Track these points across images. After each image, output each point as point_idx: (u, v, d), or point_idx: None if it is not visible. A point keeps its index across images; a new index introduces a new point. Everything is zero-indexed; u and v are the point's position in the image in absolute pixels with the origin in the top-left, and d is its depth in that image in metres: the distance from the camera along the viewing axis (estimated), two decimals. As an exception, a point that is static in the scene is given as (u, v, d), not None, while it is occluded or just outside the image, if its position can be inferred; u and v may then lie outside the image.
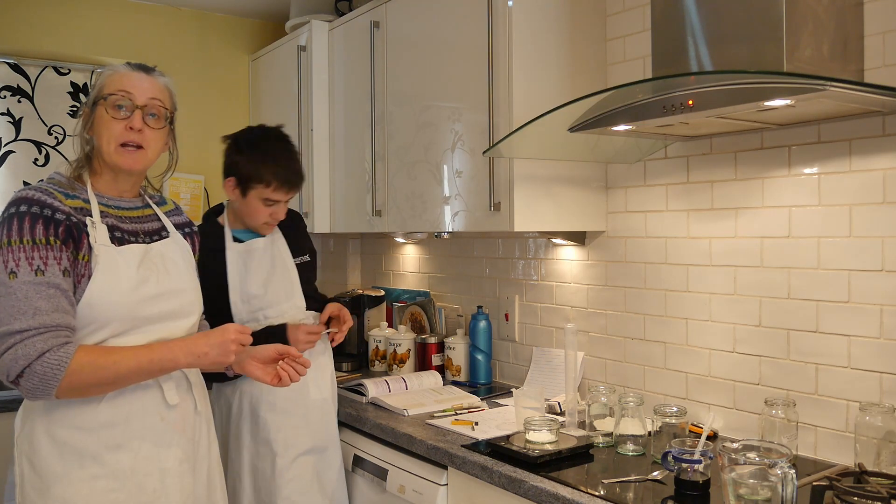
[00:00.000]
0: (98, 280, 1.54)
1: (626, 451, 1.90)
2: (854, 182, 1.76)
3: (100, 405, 1.56)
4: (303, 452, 2.19)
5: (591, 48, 2.30)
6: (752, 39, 1.59)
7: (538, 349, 2.58)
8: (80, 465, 1.54)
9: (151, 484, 1.61)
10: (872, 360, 1.73)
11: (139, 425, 1.60)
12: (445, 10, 2.38)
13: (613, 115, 1.78)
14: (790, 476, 1.35)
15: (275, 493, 2.15)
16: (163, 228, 1.76)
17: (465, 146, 2.31)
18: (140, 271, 1.61)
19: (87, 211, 1.59)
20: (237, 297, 2.18)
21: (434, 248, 3.10)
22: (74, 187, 1.61)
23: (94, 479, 1.55)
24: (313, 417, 2.23)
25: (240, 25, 3.59)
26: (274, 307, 2.20)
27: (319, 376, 2.26)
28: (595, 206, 2.33)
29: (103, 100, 1.61)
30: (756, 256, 1.96)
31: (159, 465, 1.62)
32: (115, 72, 1.66)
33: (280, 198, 2.14)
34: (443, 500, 1.97)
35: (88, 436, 1.55)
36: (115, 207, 1.66)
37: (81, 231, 1.55)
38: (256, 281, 2.20)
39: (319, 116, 3.03)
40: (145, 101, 1.63)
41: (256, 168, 2.10)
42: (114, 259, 1.57)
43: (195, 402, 1.73)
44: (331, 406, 2.29)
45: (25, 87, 3.09)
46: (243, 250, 2.20)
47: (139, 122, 1.62)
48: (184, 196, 3.36)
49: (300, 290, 2.27)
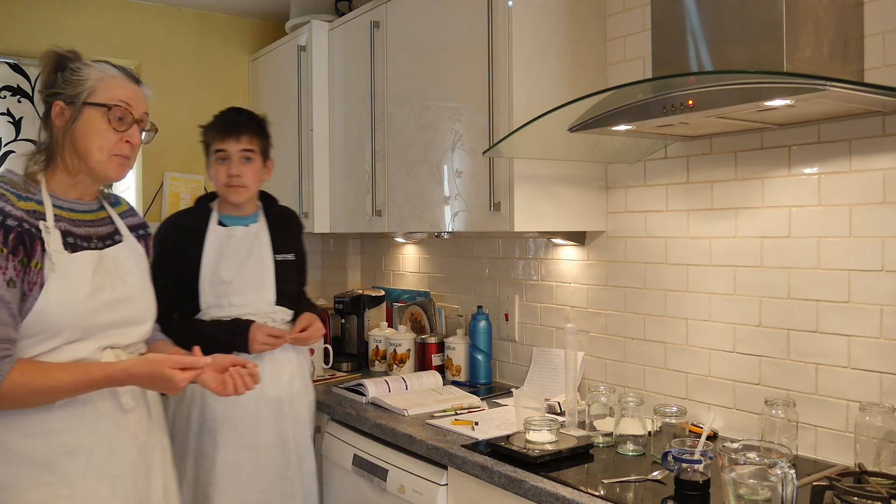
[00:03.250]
0: (52, 288, 1.49)
1: (626, 451, 1.90)
2: (854, 182, 1.76)
3: (51, 411, 1.52)
4: (248, 447, 2.18)
5: (591, 48, 2.30)
6: (752, 39, 1.59)
7: (538, 349, 2.58)
8: (29, 473, 1.50)
9: (103, 490, 1.57)
10: (872, 360, 1.73)
11: (92, 431, 1.56)
12: (445, 10, 2.38)
13: (613, 115, 1.78)
14: (790, 476, 1.35)
15: (214, 482, 2.14)
16: (116, 232, 1.70)
17: (465, 146, 2.31)
18: (95, 279, 1.56)
19: (41, 214, 1.52)
20: (206, 279, 2.18)
21: (434, 248, 3.10)
22: (28, 188, 1.54)
23: (44, 486, 1.51)
24: (264, 413, 2.21)
25: (240, 25, 3.59)
26: (240, 295, 2.19)
27: (277, 372, 2.23)
28: (595, 206, 2.33)
29: (105, 108, 1.56)
30: (756, 256, 1.96)
31: (112, 471, 1.58)
32: (109, 76, 1.60)
33: (224, 145, 2.20)
34: (443, 500, 1.97)
35: (39, 442, 1.51)
36: (69, 210, 1.60)
37: (34, 237, 1.49)
38: (229, 267, 2.20)
39: (319, 116, 3.03)
40: (140, 115, 1.63)
41: (205, 132, 2.27)
42: (68, 266, 1.52)
43: (148, 407, 1.70)
44: (287, 405, 2.25)
45: (25, 87, 3.09)
46: (224, 234, 2.23)
47: (137, 136, 1.61)
48: (184, 196, 3.36)
49: (272, 285, 2.25)
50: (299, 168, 3.08)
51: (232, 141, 2.19)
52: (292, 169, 3.12)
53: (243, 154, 2.21)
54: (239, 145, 2.20)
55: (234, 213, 2.28)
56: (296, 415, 2.29)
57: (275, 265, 2.27)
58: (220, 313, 2.19)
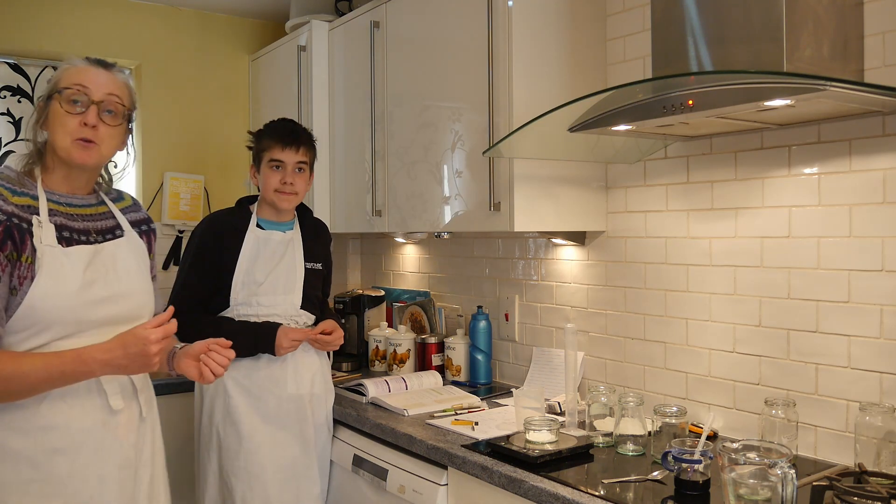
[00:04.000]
0: (41, 282, 1.49)
1: (626, 451, 1.90)
2: (854, 182, 1.76)
3: (39, 408, 1.51)
4: (268, 441, 2.24)
5: (591, 48, 2.30)
6: (752, 39, 1.59)
7: (538, 349, 2.58)
8: (14, 469, 1.49)
9: (88, 490, 1.56)
10: (872, 360, 1.73)
11: (78, 430, 1.55)
12: (445, 10, 2.38)
13: (613, 115, 1.78)
14: (790, 476, 1.35)
15: (236, 473, 2.21)
16: (117, 227, 1.70)
17: (465, 146, 2.31)
18: (87, 273, 1.56)
19: (35, 209, 1.53)
20: (240, 278, 2.26)
21: (434, 248, 3.10)
22: (24, 183, 1.56)
23: (27, 483, 1.50)
24: (285, 410, 2.27)
25: (240, 25, 3.59)
26: (269, 296, 2.27)
27: (300, 372, 2.30)
28: (595, 206, 2.33)
29: (58, 93, 1.56)
30: (756, 256, 1.96)
31: (98, 471, 1.57)
32: (72, 66, 1.60)
33: (280, 156, 2.27)
34: (443, 500, 1.97)
35: (25, 438, 1.50)
36: (66, 205, 1.61)
37: (24, 232, 1.50)
38: (263, 268, 2.28)
39: (319, 116, 3.03)
40: (102, 96, 1.58)
41: (259, 139, 2.33)
42: (59, 261, 1.52)
43: (140, 407, 1.68)
44: (308, 404, 2.31)
45: (25, 87, 3.09)
46: (262, 237, 2.31)
47: (94, 117, 1.56)
48: (184, 196, 3.36)
49: (300, 290, 2.32)
50: (299, 168, 3.07)
51: (291, 151, 2.27)
52: (292, 169, 3.11)
53: (298, 164, 2.29)
54: (297, 157, 2.29)
55: (273, 218, 2.35)
56: (316, 416, 2.34)
57: (305, 272, 2.34)
58: (247, 311, 2.26)
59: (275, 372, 2.25)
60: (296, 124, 2.36)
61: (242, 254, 2.26)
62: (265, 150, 2.29)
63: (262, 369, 2.25)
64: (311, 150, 2.35)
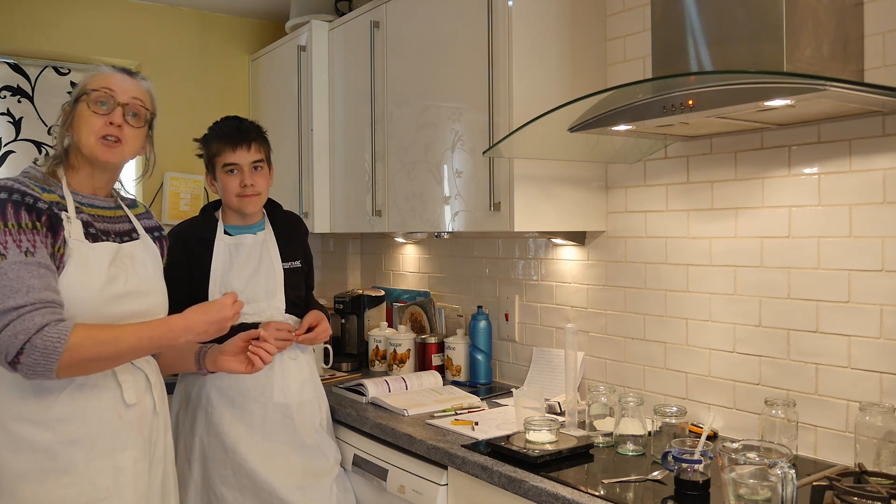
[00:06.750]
0: (69, 274, 1.55)
1: (626, 451, 1.90)
2: (854, 182, 1.76)
3: (57, 399, 1.55)
4: (255, 450, 2.16)
5: (591, 48, 2.30)
6: (752, 39, 1.59)
7: (538, 349, 2.58)
8: (31, 460, 1.53)
9: (104, 482, 1.59)
10: (872, 360, 1.73)
11: (95, 422, 1.59)
12: (445, 10, 2.38)
13: (613, 115, 1.78)
14: (790, 476, 1.35)
15: (225, 480, 2.14)
16: (133, 230, 1.77)
17: (465, 146, 2.31)
18: (111, 269, 1.62)
19: (63, 206, 1.60)
20: (216, 288, 2.17)
21: (434, 248, 3.10)
22: (49, 183, 1.63)
23: (44, 473, 1.53)
24: (271, 419, 2.19)
25: (240, 25, 3.59)
26: (252, 304, 2.19)
27: (285, 379, 2.21)
28: (595, 206, 2.33)
29: (86, 95, 1.64)
30: (756, 256, 1.96)
31: (114, 463, 1.61)
32: (100, 72, 1.69)
33: (233, 158, 2.15)
34: (443, 500, 1.97)
35: (43, 430, 1.54)
36: (89, 206, 1.68)
37: (59, 224, 1.56)
38: (240, 276, 2.20)
39: (319, 116, 3.03)
40: (127, 99, 1.67)
41: (207, 145, 2.22)
42: (86, 255, 1.59)
43: (154, 402, 1.73)
44: (296, 413, 2.22)
45: (25, 87, 3.09)
46: (232, 243, 2.22)
47: (119, 117, 1.65)
48: (184, 196, 3.36)
49: (282, 293, 2.24)
50: (299, 168, 3.08)
51: (243, 151, 2.16)
52: (292, 169, 3.12)
53: (254, 164, 2.18)
54: (251, 156, 2.17)
55: (240, 222, 2.25)
56: (306, 420, 2.25)
57: (284, 273, 2.26)
58: None
59: (260, 380, 2.17)
60: (241, 121, 2.23)
61: (214, 264, 2.17)
62: (216, 156, 2.17)
63: (248, 378, 2.15)
64: (264, 144, 2.23)
